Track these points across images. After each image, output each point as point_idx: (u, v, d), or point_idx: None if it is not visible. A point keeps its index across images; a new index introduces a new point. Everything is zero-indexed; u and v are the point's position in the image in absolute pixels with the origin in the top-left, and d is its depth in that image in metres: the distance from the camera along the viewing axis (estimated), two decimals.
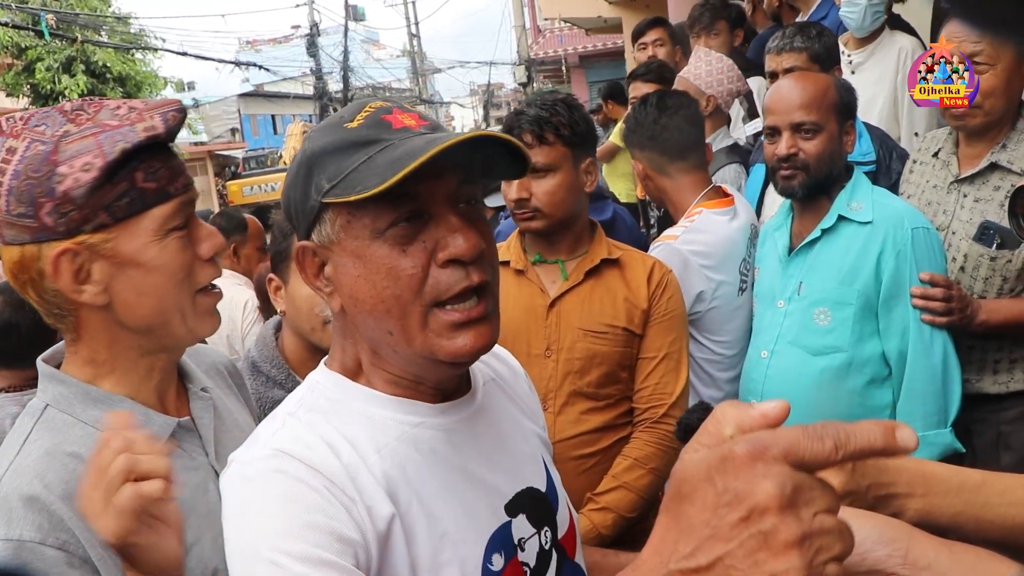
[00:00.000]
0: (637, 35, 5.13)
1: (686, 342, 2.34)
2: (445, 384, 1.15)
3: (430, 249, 1.04)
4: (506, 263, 2.32)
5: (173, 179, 1.32)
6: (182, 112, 1.33)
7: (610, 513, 2.15)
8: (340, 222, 1.06)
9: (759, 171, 3.26)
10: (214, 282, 1.43)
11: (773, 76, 3.26)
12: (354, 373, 1.14)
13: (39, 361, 1.38)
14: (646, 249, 2.94)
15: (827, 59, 3.18)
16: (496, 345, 1.42)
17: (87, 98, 1.34)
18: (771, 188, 3.16)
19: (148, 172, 1.28)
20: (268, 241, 2.26)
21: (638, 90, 4.04)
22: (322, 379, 1.16)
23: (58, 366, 1.38)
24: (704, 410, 1.11)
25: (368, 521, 1.01)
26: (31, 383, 1.57)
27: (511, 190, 2.20)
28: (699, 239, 2.63)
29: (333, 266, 1.09)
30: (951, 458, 2.26)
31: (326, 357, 1.20)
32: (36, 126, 1.27)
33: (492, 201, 3.61)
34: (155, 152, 1.29)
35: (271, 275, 2.16)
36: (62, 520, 1.20)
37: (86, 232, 1.26)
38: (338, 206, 1.04)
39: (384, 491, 1.04)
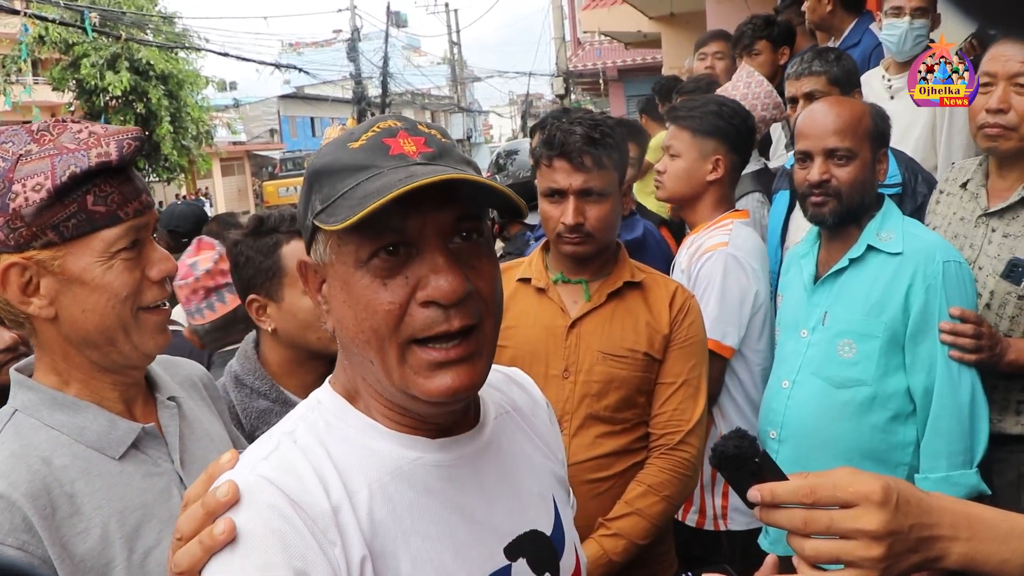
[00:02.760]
0: (699, 45, 5.31)
1: (706, 368, 2.30)
2: (438, 419, 1.11)
3: (412, 285, 1.01)
4: (527, 280, 2.31)
5: (124, 204, 1.35)
6: (139, 141, 1.36)
7: (621, 539, 2.11)
8: (331, 246, 1.05)
9: (783, 198, 3.23)
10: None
11: (793, 101, 3.25)
12: (355, 397, 1.11)
13: (12, 370, 1.43)
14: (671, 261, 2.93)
15: (847, 82, 3.16)
16: (519, 371, 1.40)
17: (57, 119, 1.39)
18: (795, 215, 3.15)
19: (99, 196, 1.32)
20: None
21: None
22: (325, 399, 1.13)
23: (31, 375, 1.42)
24: (740, 438, 1.07)
25: (344, 565, 0.98)
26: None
27: (568, 215, 2.15)
28: (743, 244, 2.68)
29: (328, 287, 1.08)
30: (975, 500, 2.19)
31: (331, 375, 1.17)
32: (3, 143, 1.32)
33: (534, 218, 3.58)
34: (109, 176, 1.33)
35: (252, 296, 2.12)
36: (25, 519, 1.23)
37: (35, 248, 1.31)
38: (328, 230, 1.02)
39: (361, 532, 1.00)
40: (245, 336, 2.61)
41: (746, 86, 3.66)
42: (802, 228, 3.03)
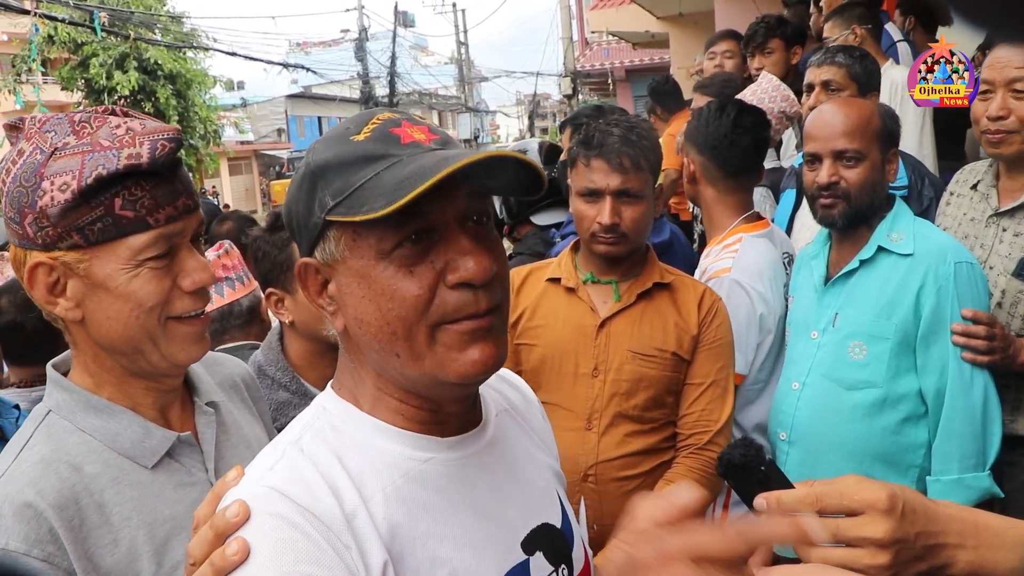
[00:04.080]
0: (709, 44, 5.37)
1: (732, 370, 2.31)
2: (453, 408, 1.10)
3: (439, 269, 1.00)
4: (557, 280, 2.33)
5: (155, 209, 1.27)
6: (173, 142, 1.28)
7: None
8: (345, 241, 1.01)
9: (789, 197, 3.23)
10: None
11: (810, 88, 3.28)
12: (362, 401, 1.10)
13: (48, 367, 1.38)
14: (695, 265, 2.92)
15: (866, 82, 3.16)
16: (509, 372, 1.40)
17: (100, 110, 1.32)
18: (800, 214, 3.16)
19: (128, 200, 1.25)
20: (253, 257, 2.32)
21: (700, 103, 4.03)
22: (330, 405, 1.11)
23: (67, 372, 1.38)
24: (746, 446, 1.09)
25: (362, 569, 0.96)
26: (41, 379, 1.59)
27: (604, 215, 2.17)
28: (748, 266, 2.62)
29: (337, 285, 1.04)
30: (987, 503, 2.19)
31: (333, 380, 1.15)
32: (46, 132, 1.27)
33: (544, 219, 3.57)
34: (142, 179, 1.26)
35: (270, 289, 2.18)
36: (51, 530, 1.19)
37: (61, 249, 1.25)
38: (342, 224, 1.00)
39: (380, 537, 0.99)
40: (242, 333, 2.66)
41: (756, 84, 3.69)
42: (807, 227, 3.04)
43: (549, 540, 1.17)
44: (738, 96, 3.66)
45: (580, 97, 28.12)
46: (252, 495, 0.97)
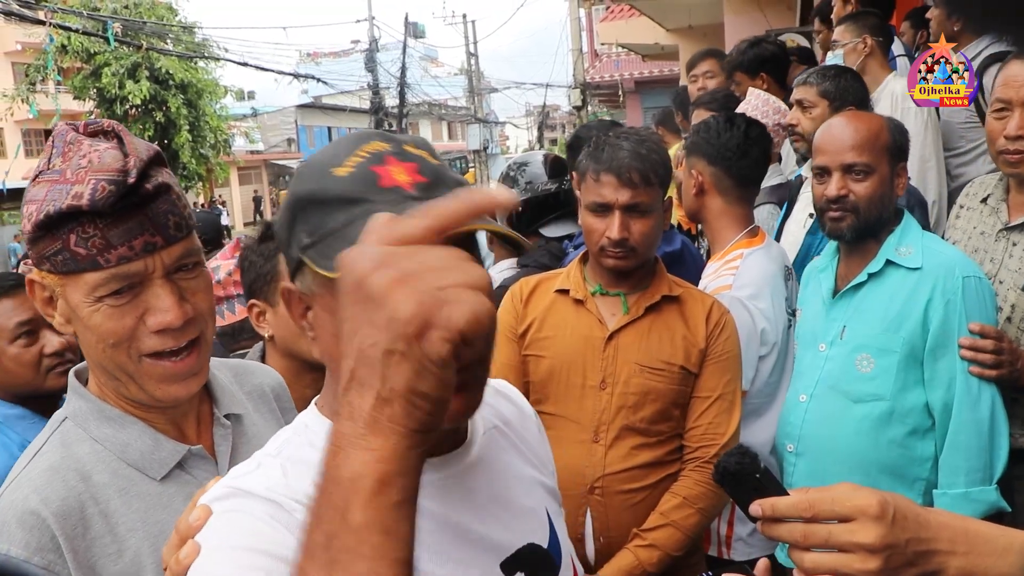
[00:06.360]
0: (690, 67, 5.28)
1: (740, 383, 2.32)
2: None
3: None
4: (565, 292, 2.33)
5: (106, 249, 1.23)
6: (115, 185, 1.21)
7: (656, 551, 2.14)
8: (318, 280, 1.00)
9: (785, 208, 3.27)
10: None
11: (799, 103, 3.34)
12: None
13: (71, 373, 1.40)
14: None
15: (837, 97, 3.19)
16: (504, 382, 1.39)
17: (86, 130, 1.31)
18: (789, 220, 3.23)
19: (80, 237, 1.22)
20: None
21: (701, 118, 4.03)
22: (312, 423, 1.10)
23: (87, 381, 1.39)
24: (742, 454, 1.10)
25: None
26: None
27: (613, 230, 2.18)
28: (749, 282, 2.62)
29: (314, 315, 1.05)
30: (995, 517, 2.19)
31: (318, 396, 1.15)
32: (52, 146, 1.29)
33: (553, 231, 3.58)
34: (96, 216, 1.22)
35: (252, 301, 2.14)
36: (52, 539, 1.20)
37: (43, 271, 1.28)
38: None
39: None
40: (251, 343, 2.65)
41: (745, 102, 3.77)
42: (791, 232, 3.19)
43: (533, 560, 1.16)
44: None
45: (589, 109, 28.16)
46: (215, 497, 1.00)
